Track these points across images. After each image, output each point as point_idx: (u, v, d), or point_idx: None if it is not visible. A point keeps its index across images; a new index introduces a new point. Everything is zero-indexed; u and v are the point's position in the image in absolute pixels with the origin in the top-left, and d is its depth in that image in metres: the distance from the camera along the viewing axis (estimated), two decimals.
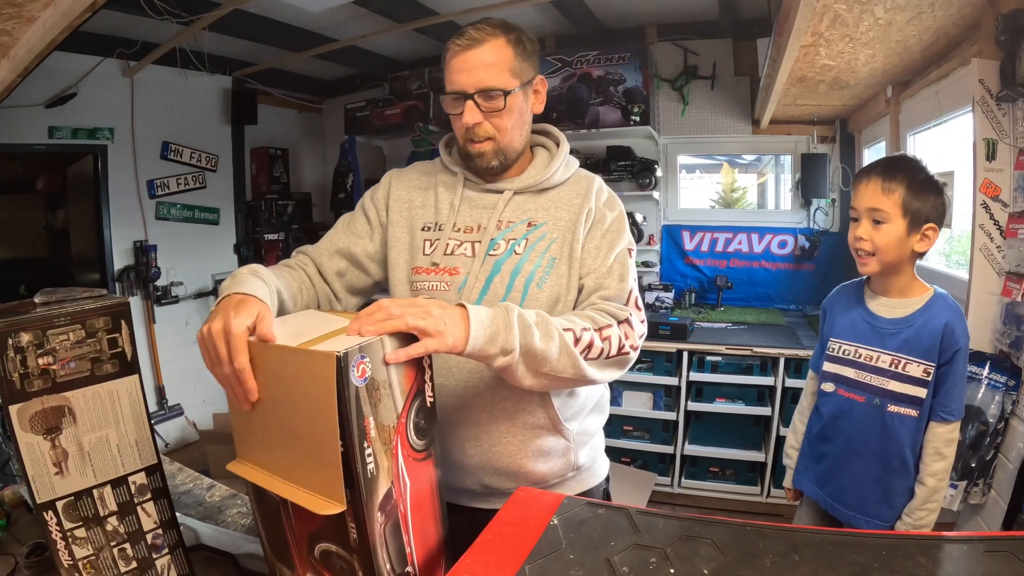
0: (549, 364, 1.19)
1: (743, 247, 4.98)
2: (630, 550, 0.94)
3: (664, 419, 4.19)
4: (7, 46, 2.45)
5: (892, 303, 1.84)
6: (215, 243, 5.59)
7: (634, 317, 1.37)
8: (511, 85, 1.38)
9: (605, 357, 1.28)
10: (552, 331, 1.19)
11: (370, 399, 0.93)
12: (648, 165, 4.82)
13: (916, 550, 0.91)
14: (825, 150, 4.70)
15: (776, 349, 3.87)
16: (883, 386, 1.81)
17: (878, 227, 1.75)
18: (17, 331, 1.05)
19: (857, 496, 1.88)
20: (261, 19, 4.28)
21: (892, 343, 1.80)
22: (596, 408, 1.58)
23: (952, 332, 1.72)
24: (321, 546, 1.03)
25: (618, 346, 1.30)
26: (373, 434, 0.94)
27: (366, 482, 0.93)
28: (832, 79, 3.48)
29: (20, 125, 4.18)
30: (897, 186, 1.72)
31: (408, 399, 1.02)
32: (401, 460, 1.00)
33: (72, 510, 1.12)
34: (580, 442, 1.52)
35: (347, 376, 0.89)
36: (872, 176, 1.76)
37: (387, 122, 5.60)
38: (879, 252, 1.76)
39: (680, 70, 4.86)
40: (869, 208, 1.76)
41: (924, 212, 1.71)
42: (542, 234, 1.43)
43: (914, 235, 1.73)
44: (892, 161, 1.82)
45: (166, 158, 5.11)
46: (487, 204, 1.48)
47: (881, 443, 1.82)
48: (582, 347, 1.23)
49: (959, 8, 2.45)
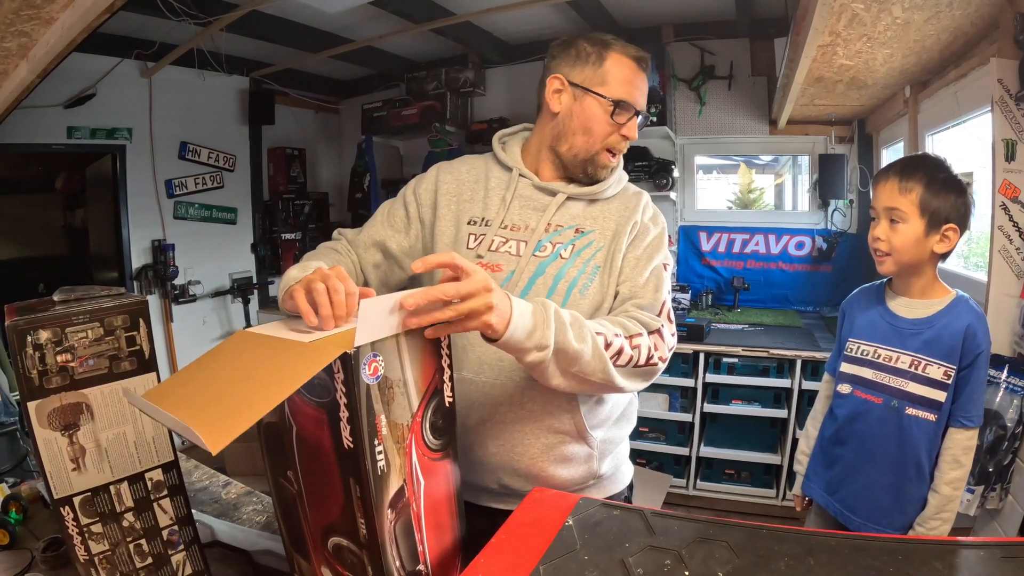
0: (580, 365, 1.18)
1: (760, 248, 4.95)
2: (645, 552, 0.94)
3: (680, 420, 4.18)
4: (26, 47, 2.47)
5: (914, 303, 1.80)
6: (232, 242, 5.62)
7: (665, 329, 1.37)
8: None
9: (634, 365, 1.27)
10: (586, 333, 1.18)
11: (382, 397, 0.93)
12: (665, 166, 4.81)
13: (932, 555, 0.91)
14: (843, 151, 4.66)
15: (793, 351, 3.85)
16: (902, 387, 1.76)
17: (895, 227, 1.72)
18: (36, 328, 1.06)
19: (868, 503, 1.82)
20: (278, 20, 4.30)
21: (913, 343, 1.75)
22: (623, 417, 1.57)
23: (975, 335, 1.68)
24: (333, 540, 1.03)
25: (647, 356, 1.29)
26: (384, 432, 0.94)
27: (375, 479, 0.93)
28: (850, 79, 3.46)
29: (39, 125, 4.22)
30: (915, 185, 1.68)
31: (425, 398, 1.01)
32: (415, 459, 1.00)
33: (89, 506, 1.13)
34: (604, 451, 1.50)
35: (357, 373, 0.89)
36: (890, 175, 1.73)
37: (404, 122, 5.61)
38: (896, 252, 1.73)
39: (697, 70, 4.84)
40: (886, 207, 1.73)
41: (944, 212, 1.67)
42: (588, 242, 1.44)
43: (933, 235, 1.69)
44: (911, 160, 1.81)
45: (184, 158, 5.14)
46: (538, 206, 1.48)
47: (897, 448, 1.77)
48: (612, 352, 1.22)
49: (977, 7, 2.43)
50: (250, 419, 0.79)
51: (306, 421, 1.01)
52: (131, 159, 4.78)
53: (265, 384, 0.87)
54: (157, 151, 4.92)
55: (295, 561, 1.17)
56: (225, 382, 0.92)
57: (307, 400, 0.98)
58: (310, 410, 0.98)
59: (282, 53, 5.14)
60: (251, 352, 0.98)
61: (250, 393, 0.86)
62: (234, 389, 0.89)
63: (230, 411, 0.82)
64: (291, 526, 1.14)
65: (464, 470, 1.15)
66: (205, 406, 0.87)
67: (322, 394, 0.95)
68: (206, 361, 1.00)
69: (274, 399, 0.83)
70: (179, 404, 0.87)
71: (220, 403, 0.86)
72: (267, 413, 0.82)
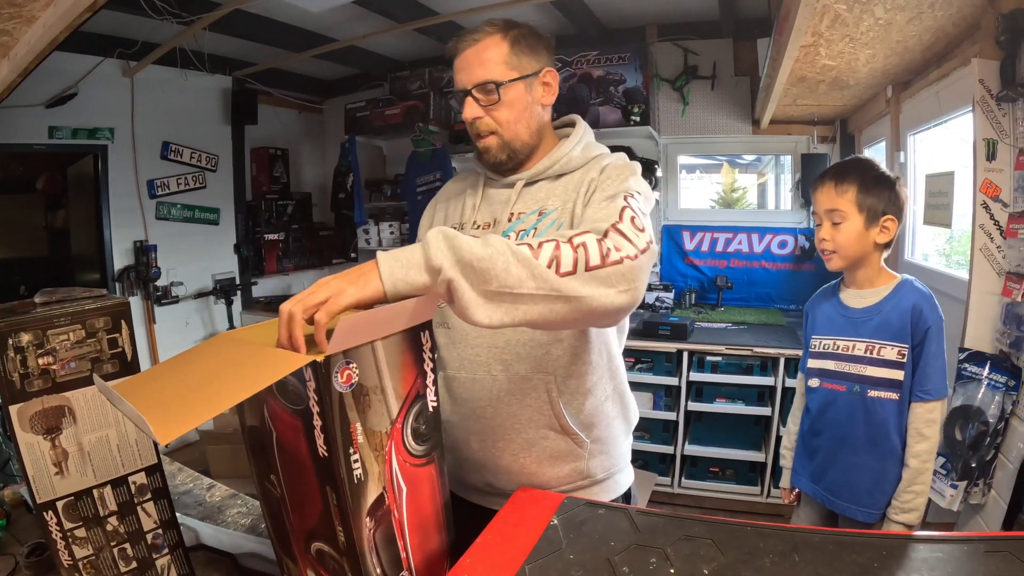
0: (497, 278, 0.98)
1: (743, 247, 4.97)
2: (630, 550, 0.94)
3: (664, 419, 4.19)
4: (7, 46, 2.45)
5: (863, 293, 1.93)
6: (215, 243, 5.59)
7: (624, 227, 1.15)
8: (505, 77, 1.40)
9: (585, 268, 1.05)
10: (491, 240, 1.01)
11: (357, 405, 0.92)
12: (648, 165, 4.81)
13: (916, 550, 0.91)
14: (825, 150, 4.70)
15: (776, 349, 3.87)
16: (861, 372, 1.89)
17: (837, 227, 1.87)
18: (17, 331, 1.05)
19: (849, 487, 1.93)
20: (261, 19, 4.28)
21: (865, 330, 1.89)
22: (619, 415, 1.54)
23: (920, 312, 1.81)
24: (315, 545, 1.03)
25: (602, 254, 1.07)
26: (360, 440, 0.93)
27: (352, 488, 0.92)
28: (832, 79, 3.48)
29: (20, 125, 4.18)
30: (848, 186, 1.85)
31: (406, 404, 1.00)
32: (396, 466, 0.99)
33: (72, 510, 1.12)
34: (595, 451, 1.48)
35: (328, 381, 0.88)
36: (826, 181, 1.91)
37: (387, 122, 5.60)
38: (840, 249, 1.88)
39: (680, 70, 4.86)
40: (827, 210, 1.89)
41: (879, 206, 1.83)
42: (552, 220, 1.42)
43: (873, 228, 1.85)
44: (843, 164, 1.98)
45: (166, 158, 5.11)
46: (502, 199, 1.50)
47: (867, 429, 1.89)
48: (545, 259, 1.02)
49: (959, 8, 2.45)
50: (203, 416, 0.78)
51: (284, 428, 1.00)
52: (113, 159, 4.74)
53: (227, 385, 0.85)
54: (139, 151, 4.88)
55: (284, 563, 1.17)
56: (192, 380, 0.91)
57: (284, 406, 0.98)
58: (287, 416, 0.98)
59: (265, 52, 5.12)
60: (225, 353, 0.97)
61: (212, 392, 0.84)
62: (199, 387, 0.88)
63: (188, 407, 0.81)
64: (278, 528, 1.14)
65: (451, 468, 1.15)
66: (165, 400, 0.85)
67: (296, 401, 0.94)
68: (181, 359, 0.99)
69: (229, 400, 0.81)
70: (141, 395, 0.86)
71: (182, 398, 0.85)
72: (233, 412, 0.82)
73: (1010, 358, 2.31)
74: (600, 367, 1.45)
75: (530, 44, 1.44)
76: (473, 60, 1.41)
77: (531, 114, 1.45)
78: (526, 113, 1.44)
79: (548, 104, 1.50)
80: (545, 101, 1.48)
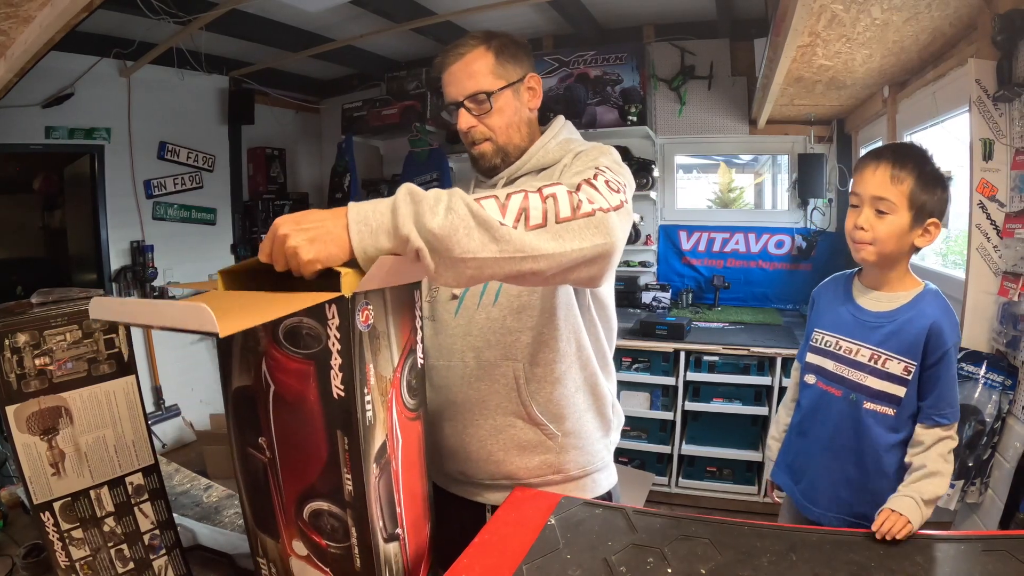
0: (459, 244, 0.95)
1: (740, 247, 4.98)
2: (627, 550, 0.94)
3: (661, 419, 4.19)
4: (4, 46, 2.44)
5: (880, 296, 1.73)
6: (212, 243, 5.59)
7: (599, 183, 1.12)
8: (494, 86, 1.46)
9: (556, 219, 1.02)
10: (454, 203, 0.96)
11: (371, 346, 0.94)
12: (645, 165, 4.82)
13: (913, 549, 0.92)
14: (822, 150, 4.70)
15: (773, 349, 3.88)
16: (860, 381, 1.70)
17: (882, 217, 1.62)
18: (14, 331, 1.04)
19: (827, 495, 1.78)
20: (258, 19, 4.28)
21: (874, 337, 1.69)
22: (591, 408, 1.54)
23: (940, 333, 1.60)
24: (312, 505, 1.02)
25: (572, 204, 1.04)
26: (372, 382, 0.95)
27: (364, 429, 0.94)
28: (829, 79, 3.49)
29: (17, 125, 4.17)
30: (907, 176, 1.60)
31: (403, 355, 1.03)
32: (395, 415, 1.01)
33: (69, 511, 1.12)
34: (567, 445, 1.48)
35: (353, 318, 0.90)
36: (882, 162, 1.63)
37: (384, 122, 5.60)
38: (878, 243, 1.63)
39: (677, 70, 4.86)
40: (874, 196, 1.63)
41: (930, 206, 1.61)
42: None
43: (916, 229, 1.62)
44: (903, 148, 1.69)
45: (163, 158, 5.10)
46: None
47: (855, 441, 1.71)
48: (513, 212, 1.00)
49: (956, 8, 2.46)
50: (265, 317, 0.78)
51: (286, 377, 1.00)
52: (109, 159, 4.74)
53: (274, 304, 0.82)
54: (136, 151, 4.88)
55: (259, 540, 1.15)
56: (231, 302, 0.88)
57: (290, 354, 0.98)
58: (294, 364, 0.98)
59: (262, 52, 5.12)
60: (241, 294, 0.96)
61: (264, 304, 0.82)
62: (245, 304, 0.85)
63: (246, 311, 0.79)
64: (257, 503, 1.13)
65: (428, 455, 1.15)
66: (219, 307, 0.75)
67: (311, 344, 0.95)
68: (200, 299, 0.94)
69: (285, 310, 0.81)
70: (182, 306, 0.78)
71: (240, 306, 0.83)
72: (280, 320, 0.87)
73: (1007, 357, 2.32)
74: (568, 355, 1.46)
75: (512, 52, 1.50)
76: (462, 73, 1.47)
77: (520, 118, 1.52)
78: (516, 118, 1.51)
79: (535, 107, 1.56)
80: (532, 105, 1.54)
